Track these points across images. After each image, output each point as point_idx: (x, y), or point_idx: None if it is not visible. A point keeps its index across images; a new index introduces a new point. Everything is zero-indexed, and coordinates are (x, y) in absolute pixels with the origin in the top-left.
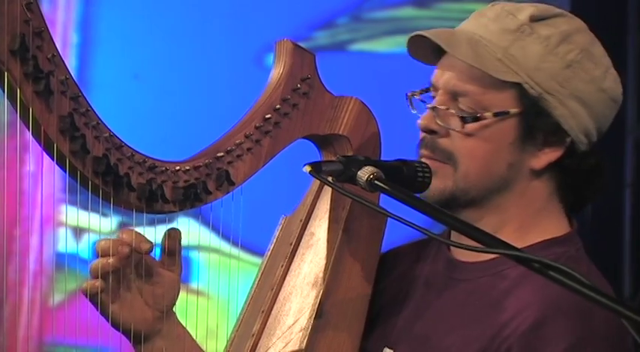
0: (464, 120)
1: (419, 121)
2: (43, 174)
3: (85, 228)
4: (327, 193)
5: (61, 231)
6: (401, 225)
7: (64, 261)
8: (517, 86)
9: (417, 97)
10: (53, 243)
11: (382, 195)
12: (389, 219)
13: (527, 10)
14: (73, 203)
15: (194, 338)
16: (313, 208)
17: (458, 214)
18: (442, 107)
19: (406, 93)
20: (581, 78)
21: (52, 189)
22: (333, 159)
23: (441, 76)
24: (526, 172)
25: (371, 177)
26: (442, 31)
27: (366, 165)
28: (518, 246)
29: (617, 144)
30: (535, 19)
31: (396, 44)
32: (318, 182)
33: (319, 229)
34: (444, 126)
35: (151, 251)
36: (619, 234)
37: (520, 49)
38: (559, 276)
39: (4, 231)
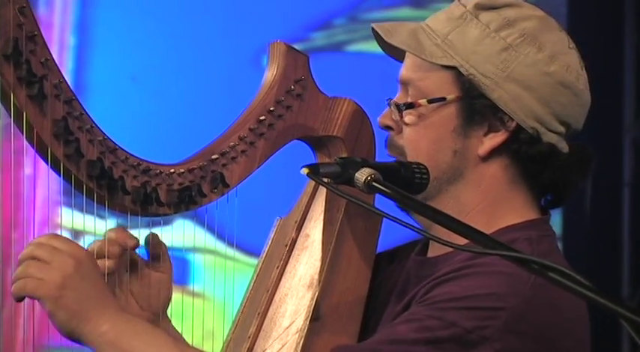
0: (398, 108)
1: (378, 118)
2: (40, 177)
3: (82, 231)
4: (321, 195)
5: (58, 233)
6: (399, 227)
7: None
8: (454, 70)
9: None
10: None
11: (380, 196)
12: (385, 220)
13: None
14: (69, 205)
15: (187, 340)
16: (308, 210)
17: None
18: (395, 101)
19: (387, 100)
20: (520, 61)
21: (48, 192)
22: (331, 161)
23: (401, 70)
24: (474, 159)
25: (369, 178)
26: (389, 23)
27: (363, 167)
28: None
29: (615, 143)
30: (480, 7)
31: None
32: (312, 183)
33: (314, 231)
34: (395, 121)
35: (138, 246)
36: (617, 233)
37: (458, 34)
38: (558, 277)
39: (1, 235)
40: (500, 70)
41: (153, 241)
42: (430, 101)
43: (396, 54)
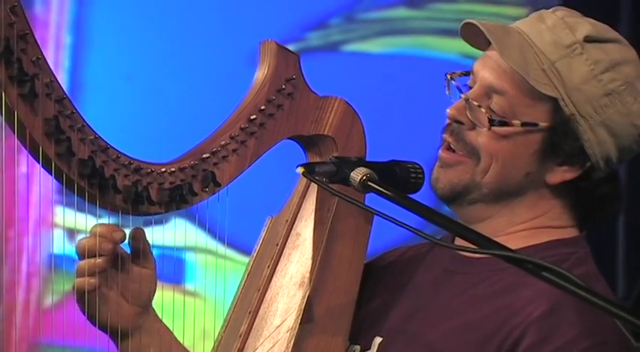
0: (491, 122)
1: (449, 109)
2: (35, 176)
3: (80, 229)
4: (312, 193)
5: (56, 232)
6: (394, 226)
7: (58, 263)
8: (553, 101)
9: (454, 82)
10: (48, 244)
11: (375, 196)
12: (381, 219)
13: (585, 29)
14: (67, 204)
15: (175, 335)
16: (299, 209)
17: (466, 208)
18: (475, 102)
19: (445, 74)
20: (617, 109)
21: (46, 191)
22: (325, 160)
23: (483, 67)
24: (540, 184)
25: (364, 178)
26: (497, 27)
27: (359, 167)
28: (524, 245)
29: None
30: (590, 40)
31: (389, 45)
32: (304, 182)
33: (305, 229)
34: (472, 120)
35: (124, 240)
36: (612, 233)
37: (566, 66)
38: (552, 277)
39: None
40: (597, 114)
41: (137, 236)
42: (523, 124)
43: (474, 40)
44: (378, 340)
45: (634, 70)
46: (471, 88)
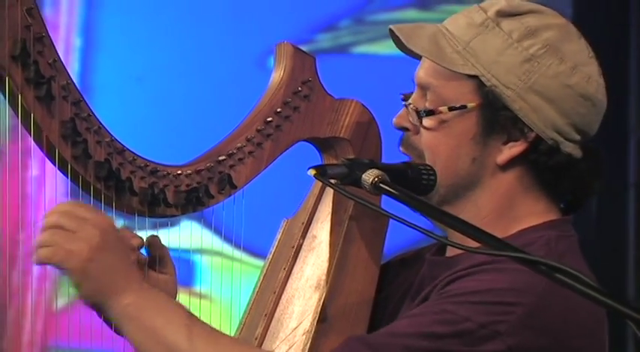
0: (418, 114)
1: (394, 119)
2: (47, 178)
3: None
4: (328, 196)
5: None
6: (406, 228)
7: None
8: (475, 79)
9: (402, 97)
10: None
11: (387, 198)
12: (392, 221)
13: (497, 6)
14: None
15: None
16: (315, 211)
17: None
18: (411, 104)
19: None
20: (542, 72)
21: (55, 193)
22: (338, 162)
23: (417, 71)
24: (492, 167)
25: (376, 180)
26: (408, 26)
27: (370, 168)
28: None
29: (619, 144)
30: (502, 15)
31: None
32: (319, 185)
33: (321, 232)
34: (413, 123)
35: (142, 246)
36: (623, 234)
37: (481, 42)
38: (566, 279)
39: (8, 236)
40: (522, 81)
41: (154, 243)
42: (451, 109)
43: (414, 53)
44: None
45: (556, 33)
46: None
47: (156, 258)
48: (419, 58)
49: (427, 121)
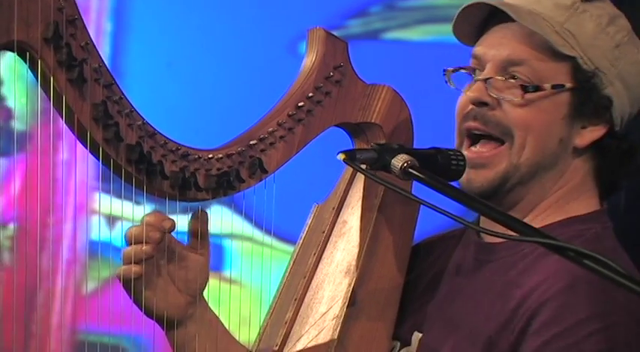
0: (524, 89)
1: (468, 93)
2: (77, 162)
3: (119, 216)
4: (359, 181)
5: (95, 218)
6: (435, 214)
7: (97, 249)
8: (572, 60)
9: (461, 71)
10: (87, 230)
11: (416, 183)
12: (422, 207)
13: None
14: (106, 191)
15: (224, 324)
16: (346, 196)
17: (505, 197)
18: (499, 77)
19: (444, 69)
20: (627, 59)
21: (85, 177)
22: (367, 147)
23: (489, 48)
24: (571, 150)
25: (405, 165)
26: (503, 3)
27: (400, 153)
28: (544, 223)
29: None
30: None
31: (429, 32)
32: (350, 170)
33: (352, 217)
34: (497, 98)
35: (174, 229)
36: None
37: (575, 24)
38: (593, 265)
39: (38, 219)
40: (613, 66)
41: (201, 219)
42: (553, 87)
43: (465, 35)
44: (417, 336)
45: (626, 21)
46: (473, 76)
47: (196, 233)
48: (469, 41)
49: (530, 96)
